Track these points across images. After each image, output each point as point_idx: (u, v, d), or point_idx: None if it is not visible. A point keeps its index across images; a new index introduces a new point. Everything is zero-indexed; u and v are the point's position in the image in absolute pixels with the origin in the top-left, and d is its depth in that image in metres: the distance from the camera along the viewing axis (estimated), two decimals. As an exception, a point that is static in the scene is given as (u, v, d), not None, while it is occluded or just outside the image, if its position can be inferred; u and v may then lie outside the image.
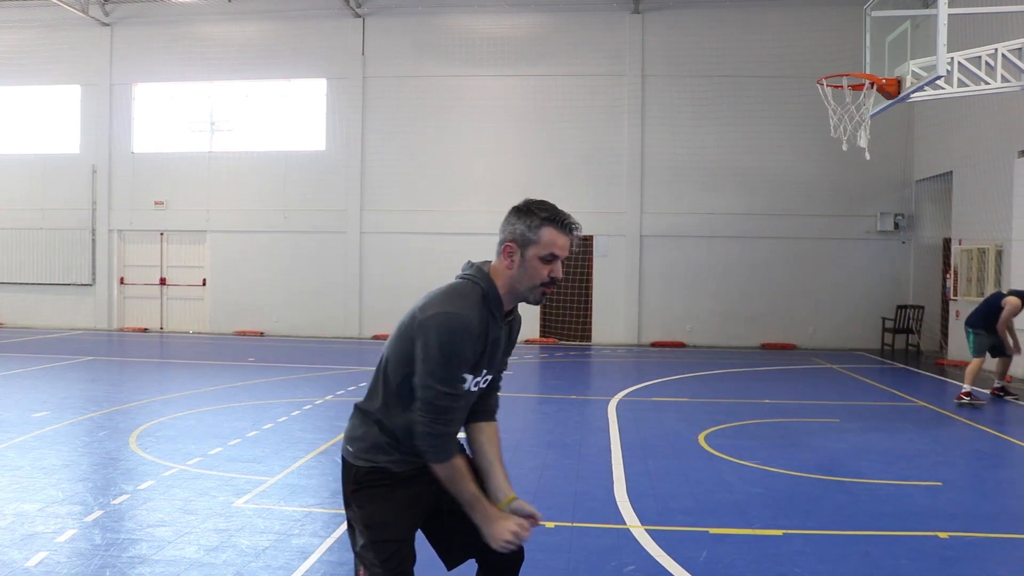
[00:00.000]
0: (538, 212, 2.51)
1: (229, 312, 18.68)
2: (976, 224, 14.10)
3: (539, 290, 2.55)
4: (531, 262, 2.51)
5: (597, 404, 9.89)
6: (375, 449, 2.58)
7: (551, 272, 2.52)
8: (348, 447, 2.64)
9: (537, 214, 2.50)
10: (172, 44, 18.71)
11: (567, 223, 2.52)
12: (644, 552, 4.67)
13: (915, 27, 9.67)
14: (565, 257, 2.56)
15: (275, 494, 5.76)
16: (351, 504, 2.62)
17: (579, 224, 2.56)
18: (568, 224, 2.52)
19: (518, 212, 2.53)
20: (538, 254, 2.50)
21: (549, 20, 17.83)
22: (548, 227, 2.49)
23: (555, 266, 2.53)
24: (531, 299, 2.58)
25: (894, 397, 10.88)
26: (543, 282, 2.53)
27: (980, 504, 5.81)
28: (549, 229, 2.49)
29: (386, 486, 2.57)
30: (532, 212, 2.51)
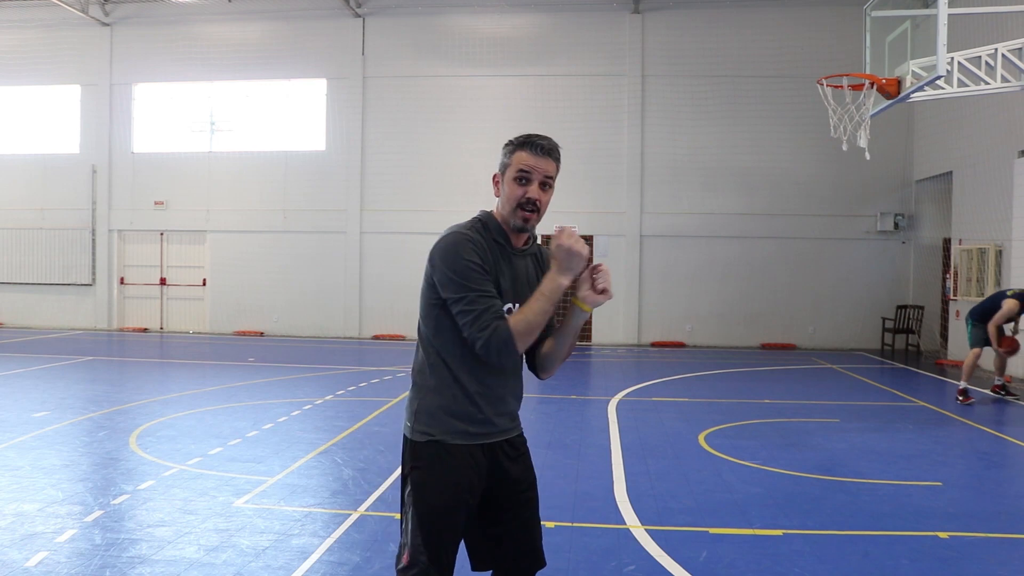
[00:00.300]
0: (514, 140, 2.64)
1: (229, 312, 18.68)
2: (976, 224, 14.09)
3: (519, 213, 2.60)
4: (508, 185, 2.61)
5: (597, 404, 9.89)
6: (428, 418, 2.62)
7: (526, 193, 2.58)
8: (406, 422, 2.69)
9: (513, 142, 2.64)
10: (172, 44, 18.71)
11: (537, 143, 2.60)
12: (644, 552, 4.67)
13: (915, 27, 9.67)
14: (547, 178, 2.62)
15: (275, 494, 5.76)
16: (406, 482, 2.64)
17: (554, 146, 2.64)
18: (538, 144, 2.60)
19: (504, 146, 2.67)
20: (511, 175, 2.60)
21: (549, 20, 17.83)
22: (520, 150, 2.60)
23: (530, 187, 2.59)
24: (513, 223, 2.63)
25: (894, 397, 10.88)
26: (519, 202, 2.59)
27: (980, 504, 5.81)
28: (520, 152, 2.60)
29: (443, 464, 2.58)
30: (510, 142, 2.65)
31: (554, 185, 2.70)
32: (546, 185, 2.64)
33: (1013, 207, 12.73)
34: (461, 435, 2.60)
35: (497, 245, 2.64)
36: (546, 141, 2.62)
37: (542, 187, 2.62)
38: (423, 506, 2.57)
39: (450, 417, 2.60)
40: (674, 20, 17.49)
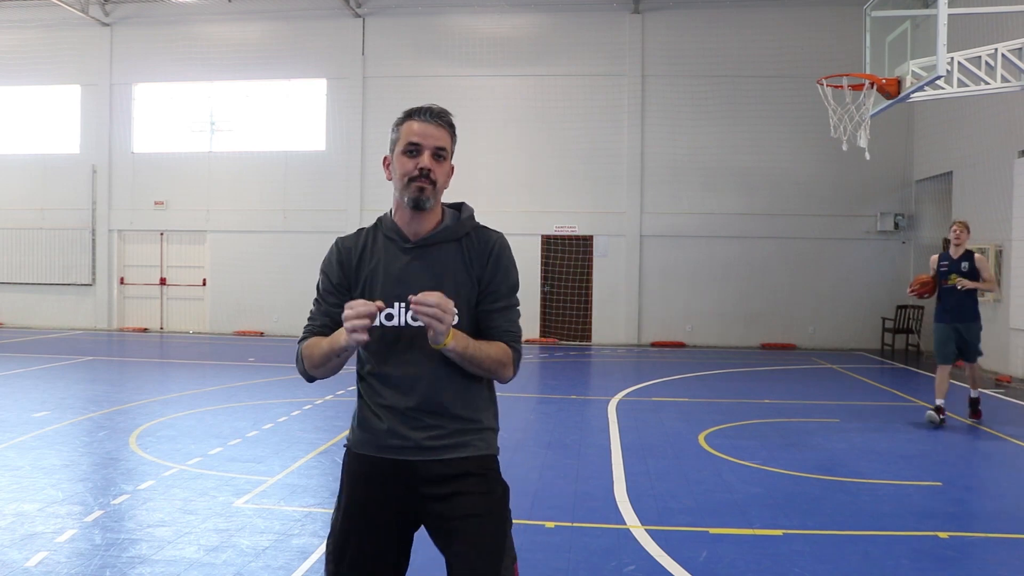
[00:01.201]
0: (402, 114, 2.39)
1: (229, 312, 18.68)
2: (976, 224, 14.02)
3: (411, 187, 2.30)
4: (398, 160, 2.34)
5: (597, 404, 9.89)
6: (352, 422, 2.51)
7: (418, 164, 2.30)
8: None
9: (400, 116, 2.39)
10: (172, 44, 18.71)
11: (425, 109, 2.34)
12: (644, 552, 4.67)
13: (915, 27, 9.67)
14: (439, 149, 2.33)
15: (275, 494, 5.76)
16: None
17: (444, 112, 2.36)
18: (426, 110, 2.34)
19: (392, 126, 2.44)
20: (400, 149, 2.34)
21: (549, 20, 17.83)
22: (407, 121, 2.35)
23: (420, 158, 2.30)
24: (406, 200, 2.32)
25: (894, 397, 10.88)
26: (410, 176, 2.30)
27: (980, 504, 5.81)
28: (408, 123, 2.34)
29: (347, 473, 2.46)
30: (398, 118, 2.39)
31: (449, 159, 2.38)
32: (439, 156, 2.34)
33: (1013, 207, 12.73)
34: (363, 445, 2.41)
35: (388, 242, 2.39)
36: (435, 107, 2.35)
37: (435, 158, 2.32)
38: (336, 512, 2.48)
39: (357, 426, 2.44)
40: (674, 20, 17.49)
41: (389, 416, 2.35)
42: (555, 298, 17.75)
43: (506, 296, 2.41)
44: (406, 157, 2.32)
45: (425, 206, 2.33)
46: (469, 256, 2.39)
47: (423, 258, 2.37)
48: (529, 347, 16.72)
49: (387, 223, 2.43)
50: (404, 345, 2.33)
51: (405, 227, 2.39)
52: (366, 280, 2.38)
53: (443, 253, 2.38)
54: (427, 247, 2.38)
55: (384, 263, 2.38)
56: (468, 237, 2.42)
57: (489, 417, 2.48)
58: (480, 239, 2.42)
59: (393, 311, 2.32)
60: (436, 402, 2.34)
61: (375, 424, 2.37)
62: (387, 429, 2.35)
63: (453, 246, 2.39)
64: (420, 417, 2.34)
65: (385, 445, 2.36)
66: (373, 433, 2.38)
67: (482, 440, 2.43)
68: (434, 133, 2.33)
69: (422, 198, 2.31)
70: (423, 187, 2.30)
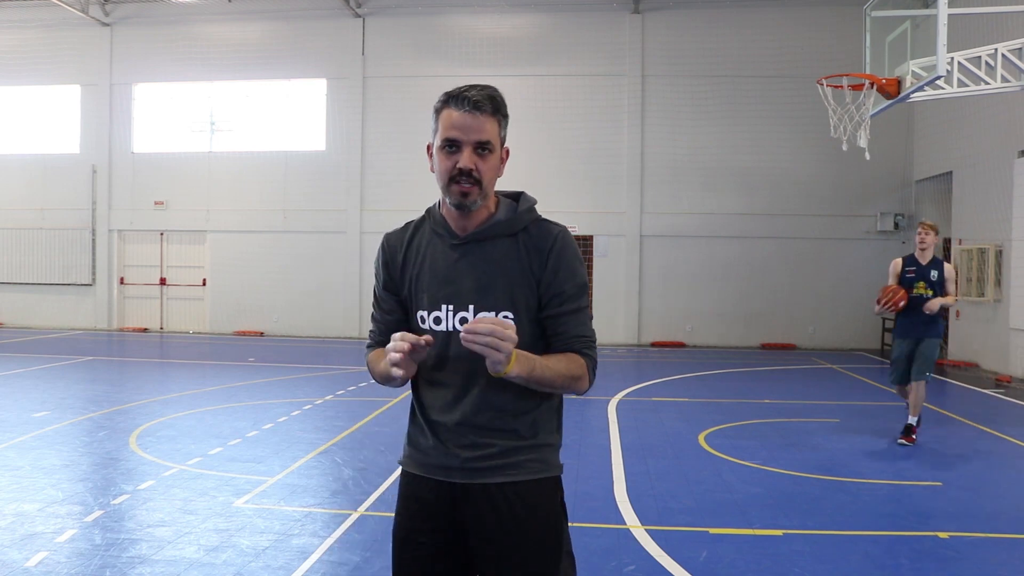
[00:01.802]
0: (441, 98, 2.06)
1: (229, 312, 18.68)
2: (976, 224, 14.10)
3: (453, 188, 2.04)
4: (437, 156, 2.07)
5: (597, 404, 9.88)
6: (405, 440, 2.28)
7: (456, 162, 2.02)
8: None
9: (440, 100, 2.06)
10: (172, 44, 18.71)
11: (465, 95, 2.01)
12: (644, 552, 4.67)
13: (915, 27, 9.67)
14: (481, 144, 2.03)
15: (275, 494, 5.76)
16: None
17: (488, 96, 2.04)
18: (467, 97, 2.01)
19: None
20: (439, 145, 2.06)
21: (549, 20, 17.83)
22: (444, 110, 2.04)
23: (461, 156, 2.02)
24: (450, 201, 2.07)
25: (894, 397, 10.84)
26: (451, 175, 2.03)
27: (980, 504, 5.81)
28: (446, 111, 2.03)
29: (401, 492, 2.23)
30: (438, 101, 2.07)
31: (499, 148, 2.09)
32: (483, 150, 2.04)
33: (1013, 207, 12.73)
34: (413, 464, 2.19)
35: (436, 237, 2.15)
36: (476, 92, 2.02)
37: (477, 153, 2.03)
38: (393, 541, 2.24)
39: (408, 443, 2.22)
40: (674, 20, 17.49)
41: (435, 431, 2.13)
42: (555, 298, 17.73)
43: (574, 297, 2.11)
44: (444, 154, 2.05)
45: (471, 208, 2.07)
46: (527, 253, 2.10)
47: (472, 255, 2.10)
48: (529, 347, 16.71)
49: (435, 216, 2.17)
50: (454, 352, 2.07)
51: (453, 222, 2.13)
52: (412, 280, 2.15)
53: (495, 250, 2.10)
54: (478, 243, 2.11)
55: (431, 261, 2.13)
56: (526, 232, 2.13)
57: (549, 431, 2.20)
58: (540, 233, 2.12)
59: (441, 314, 2.09)
60: (487, 415, 2.09)
61: (420, 441, 2.17)
62: (433, 446, 2.13)
63: (508, 242, 2.11)
64: (466, 433, 2.09)
65: (430, 464, 2.14)
66: (420, 450, 2.17)
67: (539, 460, 2.16)
68: (474, 124, 2.02)
69: (466, 202, 2.05)
70: (466, 191, 2.04)
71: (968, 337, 14.35)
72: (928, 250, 7.61)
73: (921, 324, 7.55)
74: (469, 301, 2.08)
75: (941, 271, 7.58)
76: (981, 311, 13.91)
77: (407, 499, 2.20)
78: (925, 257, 7.63)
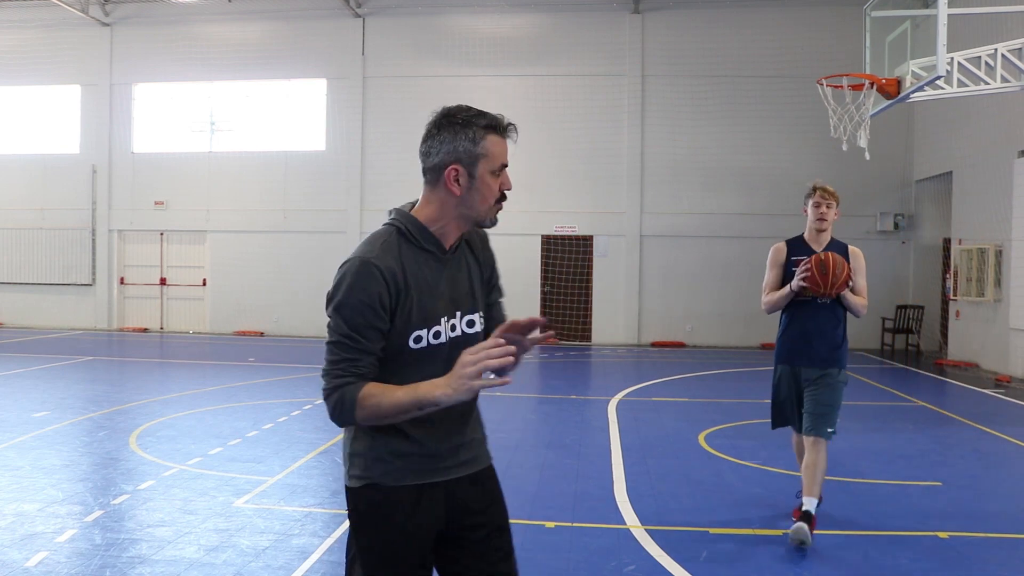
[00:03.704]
0: (476, 121, 2.15)
1: (229, 312, 18.68)
2: (976, 224, 14.10)
3: (495, 208, 2.21)
4: (485, 180, 2.16)
5: (597, 404, 9.89)
6: (363, 460, 2.20)
7: (503, 185, 2.21)
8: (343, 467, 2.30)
9: (476, 123, 2.15)
10: (172, 44, 18.71)
11: (505, 125, 2.21)
12: (644, 552, 4.67)
13: (915, 27, 9.67)
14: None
15: (275, 494, 5.76)
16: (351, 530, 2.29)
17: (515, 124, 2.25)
18: (507, 126, 2.21)
19: (453, 125, 2.15)
20: (489, 168, 2.16)
21: (549, 20, 17.83)
22: (491, 135, 2.17)
23: (504, 177, 2.21)
24: (488, 222, 2.23)
25: (894, 397, 10.88)
26: (497, 198, 2.21)
27: (980, 504, 5.81)
28: (493, 137, 2.17)
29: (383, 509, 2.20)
30: (470, 123, 2.15)
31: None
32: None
33: (1013, 207, 12.73)
34: (401, 474, 2.19)
35: (424, 255, 2.18)
36: (507, 120, 2.24)
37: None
38: (369, 556, 2.21)
39: (389, 455, 2.18)
40: (674, 20, 17.49)
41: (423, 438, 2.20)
42: (555, 298, 17.75)
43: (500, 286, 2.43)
44: (494, 178, 2.18)
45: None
46: (476, 252, 2.33)
47: (453, 266, 2.25)
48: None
49: (422, 234, 2.19)
50: (440, 361, 2.15)
51: (446, 238, 2.23)
52: (412, 302, 2.14)
53: (463, 256, 2.29)
54: (454, 253, 2.26)
55: (426, 279, 2.18)
56: (470, 237, 2.33)
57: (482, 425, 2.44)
58: (478, 236, 2.35)
59: (441, 328, 2.18)
60: (465, 416, 2.29)
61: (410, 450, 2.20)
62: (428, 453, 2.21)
63: (465, 246, 2.31)
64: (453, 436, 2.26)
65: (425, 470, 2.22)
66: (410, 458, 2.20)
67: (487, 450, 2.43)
68: (508, 150, 2.23)
69: (497, 219, 2.25)
70: (501, 208, 2.24)
71: (968, 337, 14.35)
72: (827, 230, 5.16)
73: (818, 345, 4.93)
74: (457, 309, 2.23)
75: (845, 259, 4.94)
76: (981, 311, 13.91)
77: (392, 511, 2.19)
78: (821, 240, 5.13)
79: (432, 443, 2.21)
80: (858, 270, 4.95)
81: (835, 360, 4.99)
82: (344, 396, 2.06)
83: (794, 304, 4.96)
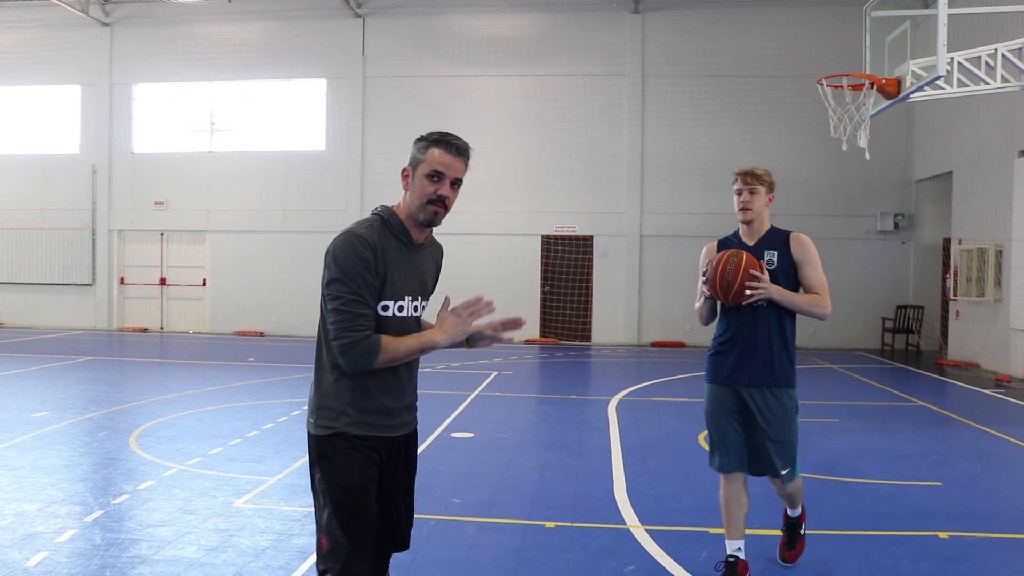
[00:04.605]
0: (428, 137, 2.68)
1: (229, 312, 18.68)
2: (976, 224, 14.10)
3: (428, 208, 2.65)
4: (419, 180, 2.65)
5: (597, 404, 9.89)
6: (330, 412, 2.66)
7: (437, 190, 2.64)
8: (308, 418, 2.73)
9: (427, 138, 2.68)
10: (172, 44, 18.72)
11: (452, 143, 2.65)
12: (644, 552, 4.67)
13: (915, 27, 9.67)
14: (457, 180, 2.67)
15: (275, 494, 5.76)
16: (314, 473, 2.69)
17: (467, 147, 2.69)
18: (454, 144, 2.64)
19: (417, 142, 2.70)
20: (424, 172, 2.64)
21: (549, 20, 17.84)
22: (435, 147, 2.65)
23: (442, 185, 2.64)
24: (421, 218, 2.67)
25: (894, 397, 10.88)
26: (429, 199, 2.64)
27: (980, 504, 5.81)
28: (435, 149, 2.64)
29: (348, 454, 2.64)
30: (423, 138, 2.69)
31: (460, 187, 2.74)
32: (456, 184, 2.69)
33: (1013, 207, 12.74)
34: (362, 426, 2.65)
35: (397, 241, 2.69)
36: (460, 141, 2.67)
37: (452, 186, 2.67)
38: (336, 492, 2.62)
39: (352, 409, 2.64)
40: (674, 20, 17.50)
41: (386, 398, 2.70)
42: (555, 298, 17.75)
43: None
44: (427, 180, 2.65)
45: (436, 225, 2.71)
46: (435, 257, 2.91)
47: (421, 257, 2.78)
48: (529, 347, 16.73)
49: (396, 224, 2.71)
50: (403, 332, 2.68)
51: (412, 231, 2.73)
52: (386, 275, 2.63)
53: (428, 254, 2.84)
54: (422, 249, 2.80)
55: (398, 260, 2.68)
56: (432, 244, 2.89)
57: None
58: (437, 246, 2.93)
59: (405, 303, 2.70)
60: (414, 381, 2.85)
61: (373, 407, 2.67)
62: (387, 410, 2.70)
63: (428, 252, 2.85)
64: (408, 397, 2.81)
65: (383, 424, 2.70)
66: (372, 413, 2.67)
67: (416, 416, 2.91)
68: (456, 165, 2.66)
69: (436, 220, 2.68)
70: (438, 211, 2.67)
71: (968, 337, 14.35)
72: (756, 220, 4.10)
73: (749, 360, 4.07)
74: (419, 293, 2.78)
75: (786, 250, 4.05)
76: (981, 311, 13.91)
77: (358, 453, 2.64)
78: (752, 232, 4.13)
79: (389, 402, 2.70)
80: (806, 261, 4.02)
81: (774, 378, 4.06)
82: (369, 346, 2.56)
83: (731, 310, 4.07)
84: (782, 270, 4.01)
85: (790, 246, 4.05)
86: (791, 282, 4.01)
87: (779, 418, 4.12)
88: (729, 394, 4.15)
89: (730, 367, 4.10)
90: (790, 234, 4.09)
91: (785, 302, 3.96)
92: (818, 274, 4.02)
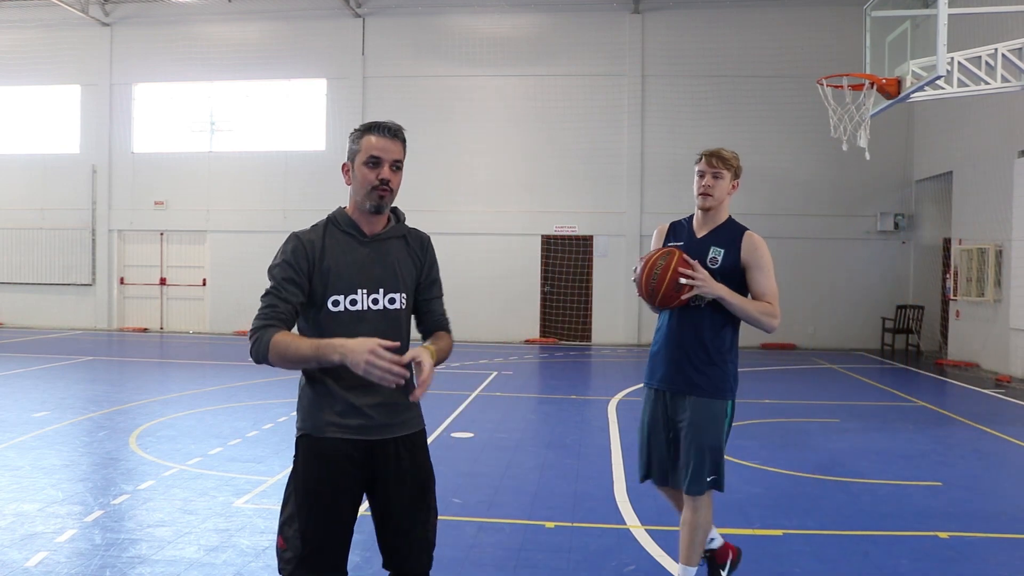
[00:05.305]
0: (360, 127, 2.69)
1: (229, 312, 18.67)
2: (976, 224, 14.10)
3: (374, 194, 2.62)
4: (359, 170, 2.64)
5: (597, 404, 9.89)
6: (303, 412, 2.65)
7: (379, 175, 2.61)
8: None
9: (359, 129, 2.69)
10: (172, 44, 18.72)
11: (384, 126, 2.64)
12: (644, 552, 4.67)
13: (915, 27, 9.67)
14: (396, 162, 2.63)
15: (275, 494, 5.76)
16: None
17: (400, 127, 2.68)
18: (386, 127, 2.63)
19: (350, 134, 2.71)
20: (362, 160, 2.63)
21: (549, 20, 17.83)
22: (368, 134, 2.64)
23: (381, 169, 2.61)
24: (368, 206, 2.64)
25: (894, 397, 10.88)
26: (373, 185, 2.61)
27: (980, 504, 5.81)
28: (369, 136, 2.64)
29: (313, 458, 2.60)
30: (356, 129, 2.69)
31: (402, 169, 2.69)
32: (396, 167, 2.65)
33: (1013, 207, 12.74)
34: (331, 428, 2.59)
35: (345, 236, 2.68)
36: (393, 124, 2.67)
37: (392, 169, 2.64)
38: (299, 495, 2.61)
39: (319, 410, 2.60)
40: (674, 20, 17.50)
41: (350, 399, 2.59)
42: (555, 298, 17.75)
43: (440, 286, 2.87)
44: (367, 168, 2.62)
45: (384, 210, 2.67)
46: (412, 250, 2.78)
47: (378, 250, 2.70)
48: (529, 347, 16.72)
49: (343, 220, 2.71)
50: (367, 328, 2.56)
51: (362, 224, 2.70)
52: (327, 271, 2.62)
53: (393, 247, 2.73)
54: (381, 241, 2.71)
55: (344, 254, 2.65)
56: (409, 234, 2.79)
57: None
58: (419, 236, 2.82)
59: (357, 297, 2.62)
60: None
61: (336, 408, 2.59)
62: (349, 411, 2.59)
63: (400, 242, 2.76)
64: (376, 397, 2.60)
65: (349, 426, 2.59)
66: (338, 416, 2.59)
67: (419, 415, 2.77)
68: (392, 147, 2.63)
69: (383, 204, 2.64)
70: (383, 195, 2.62)
71: (968, 337, 14.35)
72: (716, 208, 3.85)
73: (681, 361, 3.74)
74: (379, 285, 2.66)
75: (735, 250, 3.69)
76: (981, 311, 13.92)
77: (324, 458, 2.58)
78: (707, 221, 3.86)
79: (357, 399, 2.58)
80: (756, 266, 3.61)
81: (703, 385, 3.68)
82: (262, 336, 2.51)
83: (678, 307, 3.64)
84: (725, 272, 3.61)
85: (741, 245, 3.65)
86: (733, 286, 3.59)
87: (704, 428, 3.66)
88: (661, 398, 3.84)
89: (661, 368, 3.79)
90: (745, 232, 3.71)
91: (733, 305, 3.55)
92: (769, 281, 3.62)
